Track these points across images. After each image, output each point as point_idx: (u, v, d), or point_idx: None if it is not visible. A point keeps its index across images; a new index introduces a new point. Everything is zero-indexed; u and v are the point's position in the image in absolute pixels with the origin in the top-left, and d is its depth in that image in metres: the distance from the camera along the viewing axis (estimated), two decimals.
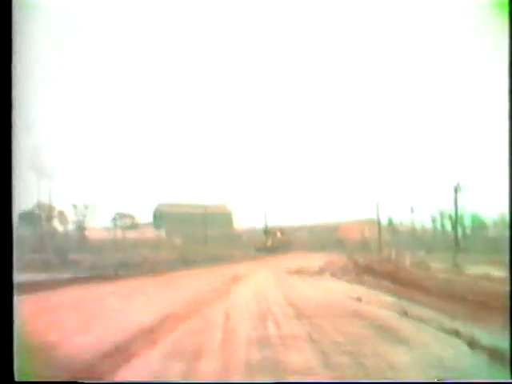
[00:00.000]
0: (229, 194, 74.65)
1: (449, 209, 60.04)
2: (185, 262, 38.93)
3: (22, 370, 7.80)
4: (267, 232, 68.46)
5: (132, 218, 68.27)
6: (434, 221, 66.93)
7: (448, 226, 64.49)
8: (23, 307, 10.36)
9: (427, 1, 30.54)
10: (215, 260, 44.10)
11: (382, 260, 37.88)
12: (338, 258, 47.01)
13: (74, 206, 60.40)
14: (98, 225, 61.85)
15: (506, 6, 9.36)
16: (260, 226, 69.69)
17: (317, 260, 43.05)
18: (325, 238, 70.89)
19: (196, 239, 60.58)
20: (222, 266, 39.93)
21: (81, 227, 61.31)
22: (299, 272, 33.22)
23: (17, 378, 7.49)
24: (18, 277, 8.37)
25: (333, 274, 31.40)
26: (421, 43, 50.78)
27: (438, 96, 55.16)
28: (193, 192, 69.20)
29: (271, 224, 69.47)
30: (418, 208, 65.15)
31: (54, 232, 58.75)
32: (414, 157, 62.74)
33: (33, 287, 18.59)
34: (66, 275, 28.19)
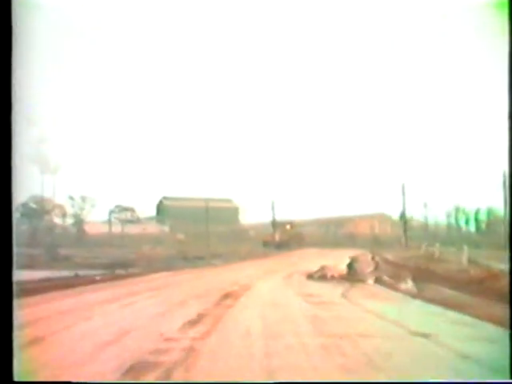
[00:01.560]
0: (236, 188, 71.81)
1: (463, 204, 58.30)
2: (185, 259, 32.22)
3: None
4: (275, 225, 58.91)
5: (132, 211, 62.95)
6: (448, 216, 61.94)
7: (462, 221, 61.31)
8: None
9: (427, 1, 28.95)
10: (217, 257, 35.56)
11: (428, 258, 27.82)
12: (361, 255, 37.62)
13: (71, 199, 55.26)
14: (99, 219, 57.49)
15: (506, 6, 8.68)
16: (268, 221, 60.82)
17: (336, 257, 34.18)
18: (334, 233, 64.82)
19: (200, 235, 54.15)
20: (220, 267, 30.30)
21: (78, 221, 55.92)
22: (325, 277, 22.87)
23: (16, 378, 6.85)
24: None
25: (378, 279, 21.08)
26: (421, 43, 50.63)
27: (439, 96, 54.04)
28: (198, 185, 63.57)
29: (280, 218, 60.34)
30: (432, 203, 60.13)
31: (51, 226, 53.65)
32: (423, 153, 60.44)
33: None
34: (46, 273, 23.02)
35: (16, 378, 6.97)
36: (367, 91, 62.83)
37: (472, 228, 61.23)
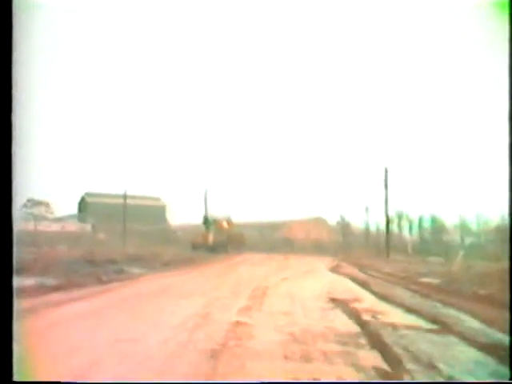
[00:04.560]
0: (166, 186, 61.94)
1: (406, 210, 51.83)
2: (91, 264, 22.40)
3: None
4: (209, 223, 43.83)
5: (47, 205, 54.15)
6: (391, 222, 54.17)
7: (406, 227, 54.51)
8: None
9: (427, 1, 27.39)
10: (133, 262, 23.71)
11: (492, 279, 14.27)
12: (339, 267, 25.34)
13: None
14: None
15: (506, 6, 8.03)
16: (200, 222, 46.49)
17: (308, 269, 23.74)
18: (270, 237, 55.76)
19: (121, 234, 45.58)
20: (126, 285, 14.73)
21: None
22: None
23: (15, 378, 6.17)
24: None
25: None
26: (421, 43, 49.51)
27: (432, 96, 54.49)
28: (124, 181, 61.03)
29: (215, 214, 45.46)
30: (373, 208, 54.57)
31: None
32: (371, 157, 56.25)
33: None
34: None
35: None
36: (323, 100, 64.20)
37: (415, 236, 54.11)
